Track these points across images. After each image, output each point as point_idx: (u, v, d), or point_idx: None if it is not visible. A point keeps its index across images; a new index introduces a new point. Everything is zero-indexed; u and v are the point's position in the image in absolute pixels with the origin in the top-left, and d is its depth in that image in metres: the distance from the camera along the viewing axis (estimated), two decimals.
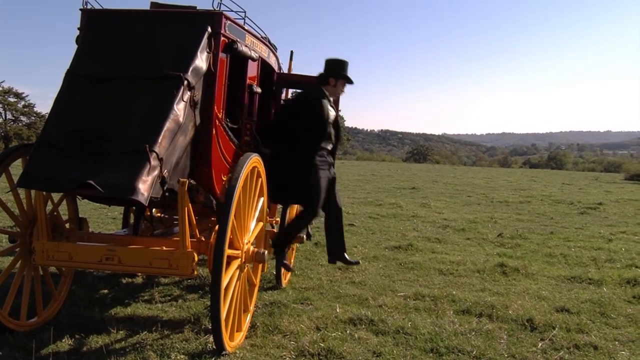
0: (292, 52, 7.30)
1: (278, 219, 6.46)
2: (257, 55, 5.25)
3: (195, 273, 4.13)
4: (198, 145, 4.43)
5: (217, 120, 4.55)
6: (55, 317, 4.86)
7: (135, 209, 5.53)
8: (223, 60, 4.62)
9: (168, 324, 4.84)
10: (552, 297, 6.17)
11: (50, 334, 4.27)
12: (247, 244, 4.58)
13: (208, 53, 4.40)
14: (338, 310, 5.31)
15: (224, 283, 3.98)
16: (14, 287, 4.40)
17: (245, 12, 4.99)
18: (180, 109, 4.04)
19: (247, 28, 5.05)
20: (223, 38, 4.54)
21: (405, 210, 14.46)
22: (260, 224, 5.07)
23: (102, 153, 3.81)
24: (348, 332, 4.74)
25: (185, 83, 4.11)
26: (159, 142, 3.81)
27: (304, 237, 6.77)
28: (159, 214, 6.11)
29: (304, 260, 7.62)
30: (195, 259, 4.07)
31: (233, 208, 4.01)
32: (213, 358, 4.07)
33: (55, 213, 4.61)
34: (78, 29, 4.62)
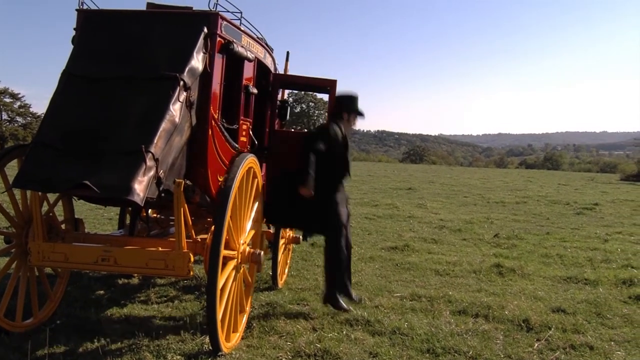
0: (288, 52, 7.30)
1: None
2: (253, 56, 5.25)
3: (192, 274, 4.12)
4: (194, 146, 4.43)
5: (213, 121, 4.54)
6: (51, 318, 4.85)
7: (131, 210, 5.52)
8: (219, 61, 4.61)
9: (164, 325, 4.84)
10: (548, 297, 6.18)
11: (46, 335, 4.26)
12: (243, 245, 4.58)
13: (204, 53, 4.39)
14: (334, 311, 5.30)
15: (220, 284, 3.98)
16: (10, 288, 4.39)
17: (242, 12, 4.99)
18: (176, 110, 4.03)
19: (243, 29, 5.04)
20: (219, 39, 4.54)
21: (402, 211, 14.47)
22: (257, 225, 5.06)
23: (98, 153, 3.80)
24: (344, 332, 4.75)
25: (181, 83, 4.10)
26: (155, 142, 3.80)
27: (300, 237, 6.76)
28: (155, 215, 6.10)
29: (300, 261, 7.62)
30: (191, 260, 4.06)
31: (229, 209, 4.00)
32: (209, 359, 4.07)
33: (51, 214, 4.60)
34: (74, 29, 4.61)
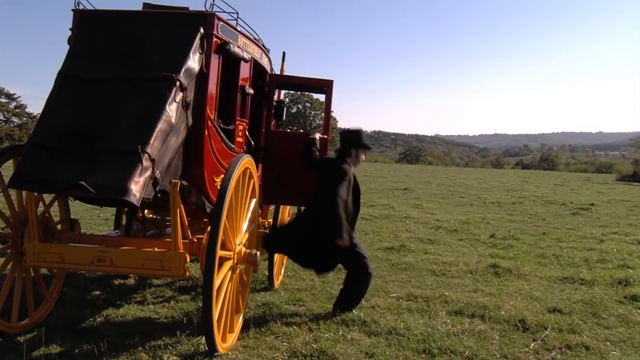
0: (284, 53, 7.31)
1: (270, 220, 6.46)
2: (249, 56, 5.25)
3: (188, 274, 4.12)
4: (190, 146, 4.42)
5: (209, 121, 4.54)
6: (47, 318, 4.84)
7: (127, 210, 5.52)
8: (215, 61, 4.61)
9: (160, 325, 4.83)
10: (544, 297, 6.19)
11: (42, 336, 4.26)
12: (239, 245, 4.58)
13: (200, 54, 4.39)
14: (330, 312, 5.30)
15: (217, 284, 3.97)
16: (5, 288, 4.38)
17: (238, 13, 4.99)
18: (173, 110, 4.03)
19: (239, 29, 5.04)
20: (215, 39, 4.54)
21: (398, 212, 14.47)
22: (253, 225, 5.06)
23: (93, 154, 3.80)
24: (340, 333, 4.74)
25: (178, 84, 4.10)
26: (151, 142, 3.80)
27: None
28: (151, 215, 6.10)
29: None
30: (188, 260, 4.06)
31: (225, 209, 4.00)
32: (205, 359, 4.07)
33: (47, 214, 4.59)
34: (70, 30, 4.60)
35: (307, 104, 79.02)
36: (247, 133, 5.55)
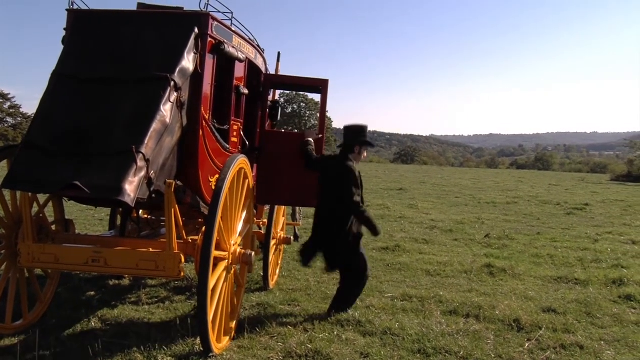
0: (279, 53, 7.30)
1: (265, 220, 6.46)
2: (244, 56, 5.24)
3: (182, 275, 4.10)
4: (185, 147, 4.42)
5: (204, 122, 4.53)
6: (41, 319, 4.82)
7: (122, 211, 5.50)
8: (210, 62, 4.60)
9: (155, 326, 4.82)
10: (538, 297, 6.21)
11: (36, 337, 4.23)
12: (234, 246, 4.57)
13: (195, 54, 4.38)
14: (325, 312, 5.30)
15: (211, 285, 3.97)
16: None
17: (233, 13, 4.99)
18: (167, 110, 4.02)
19: (234, 29, 5.04)
20: (210, 39, 4.53)
21: (393, 212, 14.50)
22: (248, 226, 5.05)
23: (88, 154, 3.79)
24: (335, 333, 4.75)
25: (172, 84, 4.09)
26: (146, 143, 3.79)
27: (292, 238, 6.76)
28: (146, 216, 6.08)
29: (292, 262, 7.60)
30: (182, 261, 4.05)
31: (220, 209, 3.99)
32: (200, 359, 4.07)
33: (41, 215, 4.57)
34: (64, 30, 4.58)
35: (302, 104, 78.99)
36: (241, 133, 5.54)
